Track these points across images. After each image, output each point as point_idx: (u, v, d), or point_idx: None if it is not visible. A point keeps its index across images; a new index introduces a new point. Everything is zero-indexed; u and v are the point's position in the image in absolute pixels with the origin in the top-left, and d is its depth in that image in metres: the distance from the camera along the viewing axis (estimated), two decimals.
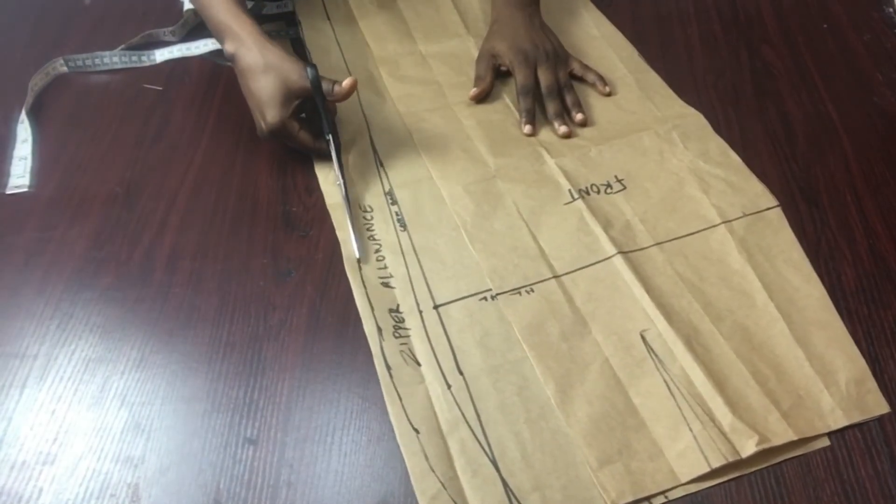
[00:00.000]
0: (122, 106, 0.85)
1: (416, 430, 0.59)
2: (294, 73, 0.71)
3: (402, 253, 0.70)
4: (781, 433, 0.57)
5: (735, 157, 0.75)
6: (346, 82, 0.72)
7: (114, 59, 0.89)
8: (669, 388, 0.60)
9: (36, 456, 0.59)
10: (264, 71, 0.71)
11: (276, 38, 0.91)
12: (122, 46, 0.90)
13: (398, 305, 0.66)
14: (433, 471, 0.57)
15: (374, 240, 0.71)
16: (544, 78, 0.81)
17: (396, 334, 0.65)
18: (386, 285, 0.68)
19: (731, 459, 0.56)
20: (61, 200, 0.76)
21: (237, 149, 0.80)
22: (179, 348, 0.64)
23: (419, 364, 0.63)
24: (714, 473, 0.56)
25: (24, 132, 0.81)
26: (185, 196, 0.76)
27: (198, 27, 0.92)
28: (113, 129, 0.82)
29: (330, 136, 0.74)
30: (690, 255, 0.68)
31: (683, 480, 0.56)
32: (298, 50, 0.90)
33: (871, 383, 0.60)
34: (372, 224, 0.73)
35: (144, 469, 0.58)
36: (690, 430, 0.58)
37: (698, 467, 0.56)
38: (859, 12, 0.92)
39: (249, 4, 0.91)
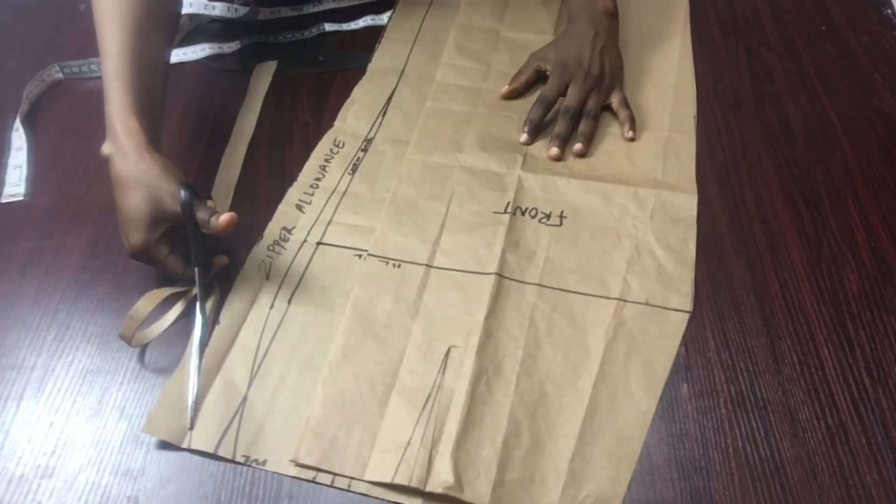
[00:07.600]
0: None
1: (218, 322, 0.64)
2: (168, 194, 0.61)
3: (332, 192, 0.74)
4: (478, 496, 0.54)
5: (690, 252, 0.68)
6: (224, 217, 0.62)
7: None
8: (427, 401, 0.59)
9: (34, 469, 0.58)
10: (135, 187, 0.62)
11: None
12: None
13: (293, 228, 0.71)
14: (201, 358, 0.62)
15: (323, 170, 0.76)
16: (569, 97, 0.78)
17: (270, 248, 0.69)
18: (299, 209, 0.73)
19: (412, 484, 0.55)
20: (57, 209, 0.75)
21: None
22: (178, 358, 0.64)
23: (267, 279, 0.67)
24: (396, 487, 0.55)
25: (18, 140, 0.80)
26: None
27: (192, 33, 0.92)
28: None
29: (197, 270, 0.64)
30: (559, 310, 0.64)
31: (366, 478, 0.56)
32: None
33: None
34: (331, 157, 0.77)
35: (144, 481, 0.57)
36: (409, 441, 0.57)
37: (384, 475, 0.56)
38: (858, 14, 0.92)
39: (243, 10, 0.91)
